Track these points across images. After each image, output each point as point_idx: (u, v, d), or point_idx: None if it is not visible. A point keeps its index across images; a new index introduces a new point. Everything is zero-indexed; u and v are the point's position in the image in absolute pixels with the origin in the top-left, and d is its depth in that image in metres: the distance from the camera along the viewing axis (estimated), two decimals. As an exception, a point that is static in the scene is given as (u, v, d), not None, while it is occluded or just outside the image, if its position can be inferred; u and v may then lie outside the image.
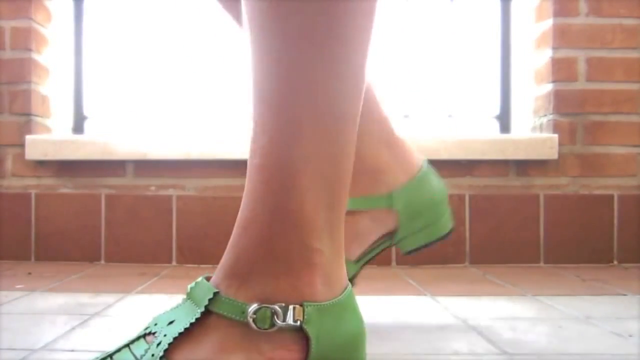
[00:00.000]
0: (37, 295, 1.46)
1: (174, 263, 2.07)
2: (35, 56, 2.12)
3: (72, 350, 0.97)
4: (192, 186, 2.08)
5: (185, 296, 0.75)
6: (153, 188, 2.09)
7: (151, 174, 2.09)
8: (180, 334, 0.70)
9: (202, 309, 0.71)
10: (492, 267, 2.02)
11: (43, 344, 1.00)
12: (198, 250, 2.03)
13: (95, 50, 2.34)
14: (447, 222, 1.17)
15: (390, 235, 1.03)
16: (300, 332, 0.71)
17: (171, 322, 0.72)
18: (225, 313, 0.70)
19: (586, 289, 1.60)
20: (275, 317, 0.70)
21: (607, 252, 2.07)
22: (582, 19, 2.08)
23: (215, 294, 0.71)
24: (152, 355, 0.69)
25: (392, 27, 2.30)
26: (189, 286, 0.75)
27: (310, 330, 0.71)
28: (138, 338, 0.73)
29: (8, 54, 2.11)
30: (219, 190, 2.07)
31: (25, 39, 2.10)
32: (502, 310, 1.32)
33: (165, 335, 0.71)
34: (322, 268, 0.73)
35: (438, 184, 1.14)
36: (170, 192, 2.08)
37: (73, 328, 1.12)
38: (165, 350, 0.69)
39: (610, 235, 2.07)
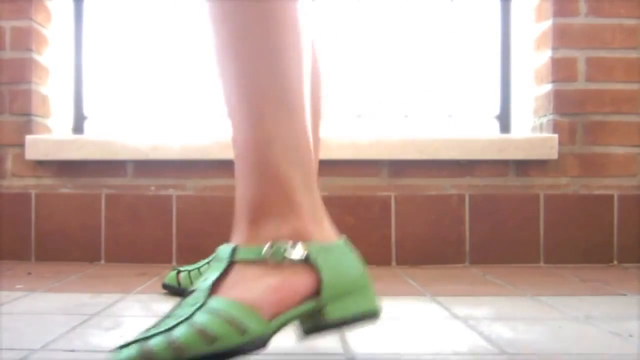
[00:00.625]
0: (37, 295, 1.46)
1: (174, 263, 2.07)
2: (35, 56, 2.12)
3: (72, 351, 0.97)
4: (192, 186, 2.08)
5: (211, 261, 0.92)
6: (153, 188, 2.09)
7: (151, 174, 2.09)
8: (214, 281, 0.87)
9: (228, 260, 0.89)
10: (492, 267, 2.02)
11: (43, 344, 1.00)
12: (198, 250, 2.03)
13: (95, 51, 2.34)
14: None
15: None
16: (308, 266, 0.89)
17: (205, 279, 0.88)
18: (245, 257, 0.89)
19: (586, 289, 1.60)
20: (286, 251, 0.88)
21: (607, 252, 2.07)
22: (582, 19, 2.08)
23: (234, 247, 0.90)
24: (198, 298, 0.85)
25: (392, 27, 2.30)
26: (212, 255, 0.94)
27: (317, 260, 0.90)
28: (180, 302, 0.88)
29: (8, 54, 2.11)
30: (219, 190, 2.07)
31: (26, 39, 2.10)
32: (502, 310, 1.32)
33: (205, 280, 0.88)
34: (310, 218, 0.93)
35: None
36: (170, 192, 2.08)
37: (73, 328, 1.12)
38: (209, 290, 0.86)
39: (610, 235, 2.07)
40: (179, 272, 1.49)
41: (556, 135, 2.06)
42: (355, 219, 2.07)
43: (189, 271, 1.48)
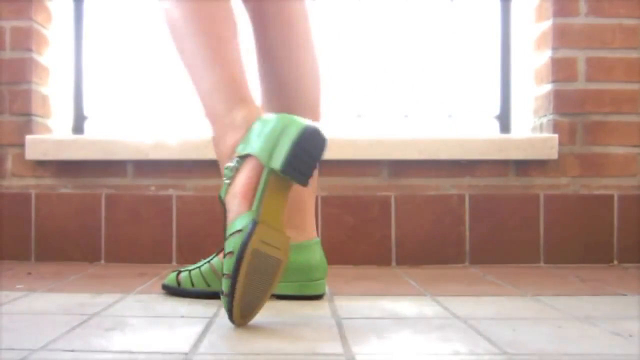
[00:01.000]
0: (37, 295, 1.46)
1: (174, 263, 2.07)
2: (35, 56, 2.12)
3: (72, 351, 0.97)
4: (192, 186, 2.08)
5: None
6: (153, 188, 2.09)
7: (151, 174, 2.09)
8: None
9: (220, 201, 1.20)
10: (492, 267, 2.02)
11: (43, 344, 1.00)
12: (198, 250, 2.03)
13: (95, 51, 2.34)
14: (321, 287, 1.45)
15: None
16: (250, 158, 1.17)
17: None
18: (224, 192, 1.20)
19: (586, 289, 1.60)
20: (230, 166, 1.19)
21: (607, 252, 2.07)
22: (582, 19, 2.08)
23: (219, 195, 1.21)
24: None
25: (392, 27, 2.30)
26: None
27: (245, 150, 1.18)
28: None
29: (8, 54, 2.11)
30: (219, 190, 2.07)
31: (26, 39, 2.10)
32: (502, 310, 1.32)
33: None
34: (230, 131, 1.23)
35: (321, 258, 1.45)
36: (170, 192, 2.08)
37: (73, 328, 1.12)
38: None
39: (610, 235, 2.08)
40: (179, 272, 1.49)
41: (556, 135, 2.06)
42: (355, 219, 2.07)
43: (189, 271, 1.48)
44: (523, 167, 2.08)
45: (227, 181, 1.18)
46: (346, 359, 0.94)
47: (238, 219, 1.12)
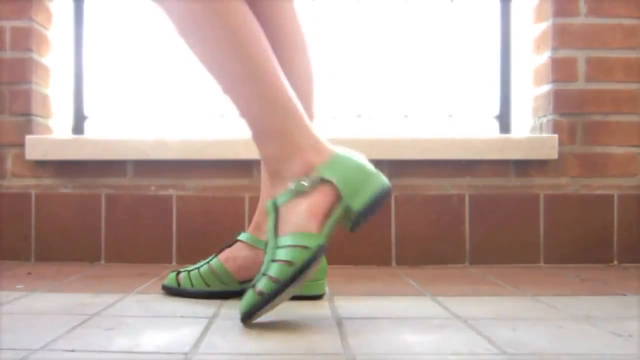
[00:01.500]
0: (37, 295, 1.46)
1: (174, 263, 2.07)
2: (35, 56, 2.12)
3: (72, 351, 0.97)
4: (192, 186, 2.08)
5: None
6: (153, 188, 2.09)
7: (151, 174, 2.09)
8: (274, 227, 1.21)
9: (273, 208, 1.21)
10: (492, 267, 2.02)
11: (43, 344, 1.00)
12: (198, 250, 2.03)
13: (95, 51, 2.34)
14: (321, 287, 1.47)
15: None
16: (324, 183, 1.21)
17: (268, 229, 1.21)
18: (282, 200, 1.21)
19: (586, 289, 1.60)
20: (303, 181, 1.20)
21: (607, 252, 2.07)
22: (581, 19, 2.08)
23: (274, 198, 1.23)
24: (270, 243, 1.19)
25: (392, 27, 2.30)
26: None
27: (326, 175, 1.21)
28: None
29: (9, 54, 2.11)
30: (219, 190, 2.07)
31: (26, 39, 2.10)
32: (502, 310, 1.32)
33: (268, 230, 1.21)
34: (309, 150, 1.23)
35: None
36: (170, 192, 2.08)
37: (73, 328, 1.12)
38: (273, 234, 1.20)
39: (610, 235, 2.08)
40: (178, 272, 1.49)
41: (556, 135, 2.06)
42: (355, 219, 2.07)
43: (189, 271, 1.48)
44: (523, 167, 2.08)
45: (291, 192, 1.21)
46: (346, 359, 0.94)
47: (304, 235, 1.17)
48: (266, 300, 1.13)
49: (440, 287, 1.62)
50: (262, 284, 1.14)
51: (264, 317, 1.20)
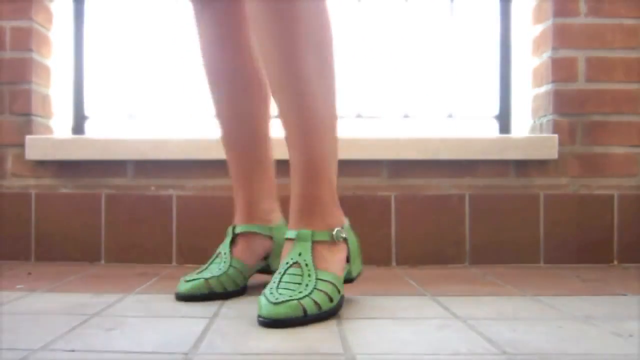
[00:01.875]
0: (37, 295, 1.46)
1: (174, 263, 2.07)
2: (35, 56, 2.12)
3: (72, 351, 0.97)
4: (192, 186, 2.08)
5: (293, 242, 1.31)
6: (153, 188, 2.09)
7: (151, 174, 2.09)
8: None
9: (311, 242, 1.30)
10: (492, 267, 2.02)
11: (43, 344, 1.00)
12: (198, 250, 2.03)
13: (95, 51, 2.34)
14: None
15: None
16: (345, 241, 1.37)
17: (300, 255, 1.29)
18: (322, 239, 1.31)
19: (586, 289, 1.60)
20: (341, 234, 1.35)
21: (607, 252, 2.07)
22: (581, 19, 2.08)
23: (313, 232, 1.31)
24: (310, 271, 1.27)
25: (392, 28, 2.30)
26: (289, 237, 1.34)
27: (349, 237, 1.38)
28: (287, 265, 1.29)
29: (9, 54, 2.11)
30: (219, 190, 2.07)
31: (26, 39, 2.10)
32: (502, 310, 1.32)
33: (300, 255, 1.29)
34: (339, 208, 1.39)
35: None
36: (170, 192, 2.08)
37: (73, 328, 1.12)
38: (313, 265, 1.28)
39: (610, 235, 2.08)
40: (196, 280, 1.46)
41: (556, 136, 2.06)
42: (355, 219, 2.06)
43: (218, 277, 1.45)
44: (523, 167, 2.08)
45: (330, 236, 1.33)
46: (346, 359, 0.94)
47: (341, 281, 1.32)
48: (302, 320, 1.18)
49: (440, 287, 1.62)
50: (305, 302, 1.19)
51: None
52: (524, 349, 1.00)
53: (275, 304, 1.16)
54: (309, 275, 1.25)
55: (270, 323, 1.15)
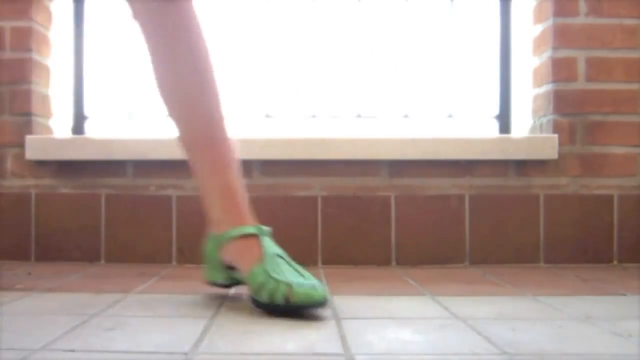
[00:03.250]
0: (36, 295, 1.46)
1: (173, 263, 2.07)
2: (35, 56, 2.12)
3: (73, 351, 0.97)
4: (192, 186, 2.08)
5: None
6: (153, 188, 2.09)
7: (151, 174, 2.09)
8: None
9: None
10: (492, 267, 2.02)
11: (43, 344, 1.00)
12: (198, 250, 2.03)
13: (95, 51, 2.34)
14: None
15: None
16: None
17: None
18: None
19: (586, 289, 1.60)
20: None
21: (607, 252, 2.07)
22: (581, 19, 2.08)
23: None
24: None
25: (392, 27, 2.30)
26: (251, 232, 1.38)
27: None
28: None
29: (8, 54, 2.11)
30: (219, 190, 2.07)
31: (26, 39, 2.10)
32: (502, 310, 1.32)
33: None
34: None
35: None
36: (170, 192, 2.08)
37: (73, 328, 1.12)
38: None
39: (610, 235, 2.08)
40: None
41: (556, 136, 2.06)
42: (355, 219, 2.07)
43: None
44: (523, 167, 2.08)
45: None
46: (346, 359, 0.94)
47: None
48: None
49: (441, 287, 1.62)
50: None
51: (264, 317, 1.20)
52: (524, 349, 1.00)
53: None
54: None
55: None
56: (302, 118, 2.28)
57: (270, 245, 1.35)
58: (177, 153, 1.89)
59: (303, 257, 2.03)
